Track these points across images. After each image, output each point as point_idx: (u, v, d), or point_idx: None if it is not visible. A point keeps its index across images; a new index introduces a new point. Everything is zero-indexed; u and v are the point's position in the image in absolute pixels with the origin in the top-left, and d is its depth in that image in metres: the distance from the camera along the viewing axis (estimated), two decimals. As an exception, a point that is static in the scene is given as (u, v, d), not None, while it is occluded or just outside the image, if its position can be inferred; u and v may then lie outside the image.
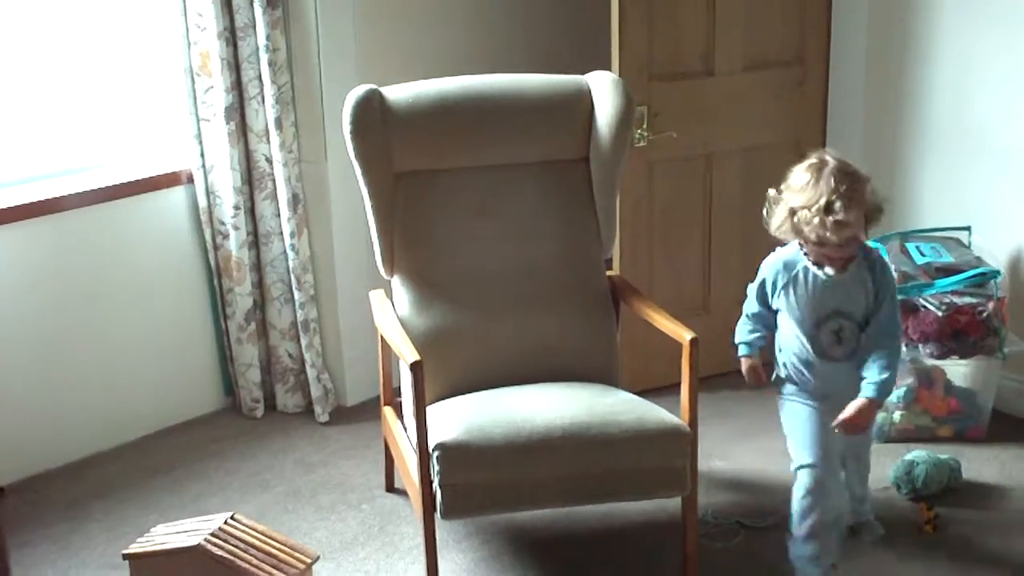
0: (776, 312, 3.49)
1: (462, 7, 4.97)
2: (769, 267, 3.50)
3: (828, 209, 3.19)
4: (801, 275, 3.39)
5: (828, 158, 3.28)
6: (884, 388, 3.31)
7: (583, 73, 4.00)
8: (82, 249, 4.33)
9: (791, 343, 3.46)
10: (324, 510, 4.05)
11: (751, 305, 3.56)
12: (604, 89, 3.88)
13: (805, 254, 3.39)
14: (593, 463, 3.33)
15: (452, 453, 3.25)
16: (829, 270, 3.34)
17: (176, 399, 4.69)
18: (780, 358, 3.53)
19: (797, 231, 3.30)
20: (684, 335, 3.42)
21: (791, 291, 3.41)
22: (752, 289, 3.55)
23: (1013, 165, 4.39)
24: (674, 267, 4.80)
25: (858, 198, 3.22)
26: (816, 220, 3.21)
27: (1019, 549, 3.69)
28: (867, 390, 3.30)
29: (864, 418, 3.32)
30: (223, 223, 4.54)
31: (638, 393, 3.68)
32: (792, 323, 3.43)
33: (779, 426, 4.36)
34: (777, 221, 3.37)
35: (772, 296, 3.47)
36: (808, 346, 3.40)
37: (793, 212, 3.28)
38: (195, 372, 4.75)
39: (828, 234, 3.21)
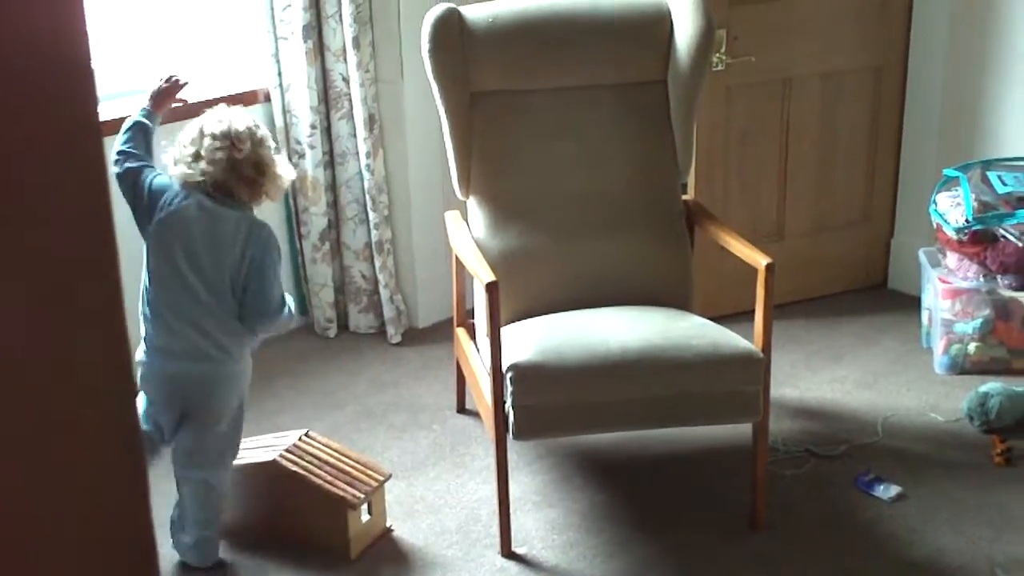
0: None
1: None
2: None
3: None
4: None
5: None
6: None
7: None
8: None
9: None
10: (396, 429, 4.09)
11: None
12: (685, 10, 3.83)
13: None
14: (666, 387, 3.33)
15: (525, 374, 3.27)
16: None
17: (251, 317, 4.73)
18: None
19: None
20: (760, 260, 3.40)
21: None
22: None
23: (1100, 95, 4.31)
24: (749, 193, 4.77)
25: None
26: None
27: (1093, 483, 3.67)
28: None
29: None
30: (299, 142, 4.55)
31: (713, 319, 3.67)
32: None
33: (851, 357, 4.37)
34: None
35: None
36: None
37: None
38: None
39: None
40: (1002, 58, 4.56)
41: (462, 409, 4.17)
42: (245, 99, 4.51)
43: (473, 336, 3.91)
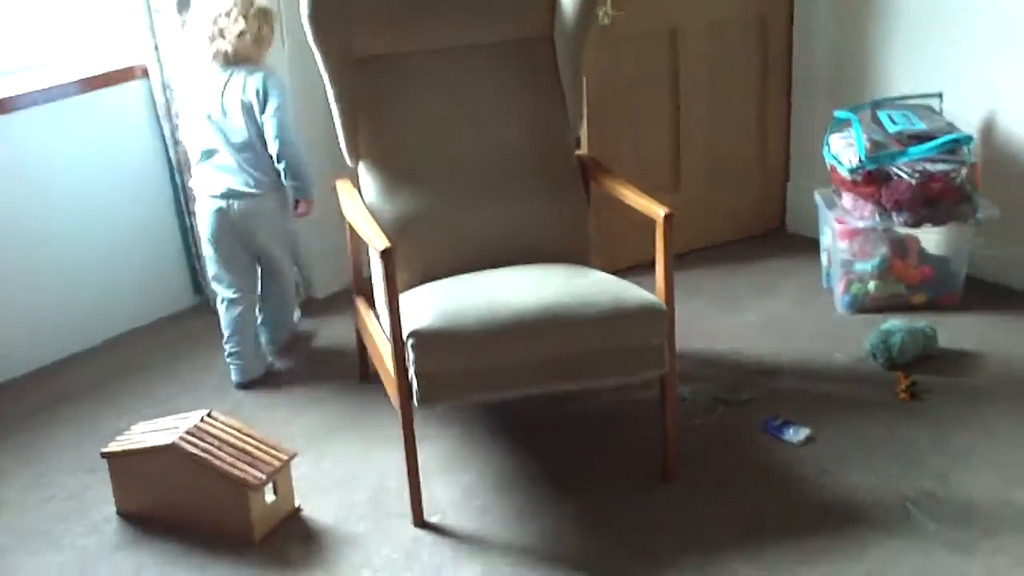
0: None
1: None
2: None
3: None
4: None
5: None
6: None
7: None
8: (37, 150, 4.22)
9: None
10: (299, 403, 4.02)
11: None
12: (567, -36, 3.78)
13: None
14: (570, 344, 3.28)
15: (426, 340, 3.20)
16: None
17: (143, 299, 4.63)
18: None
19: None
20: (658, 211, 3.35)
21: None
22: None
23: (984, 29, 4.32)
24: (643, 145, 4.74)
25: None
26: None
27: (995, 411, 3.69)
28: None
29: None
30: (180, 117, 4.43)
31: (612, 273, 3.63)
32: None
33: (753, 302, 4.38)
34: None
35: None
36: None
37: None
38: (161, 270, 4.68)
39: None
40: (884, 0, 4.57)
41: (365, 377, 4.10)
42: (122, 76, 4.39)
43: (372, 304, 3.84)
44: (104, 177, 4.42)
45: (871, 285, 4.32)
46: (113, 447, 3.45)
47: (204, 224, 4.08)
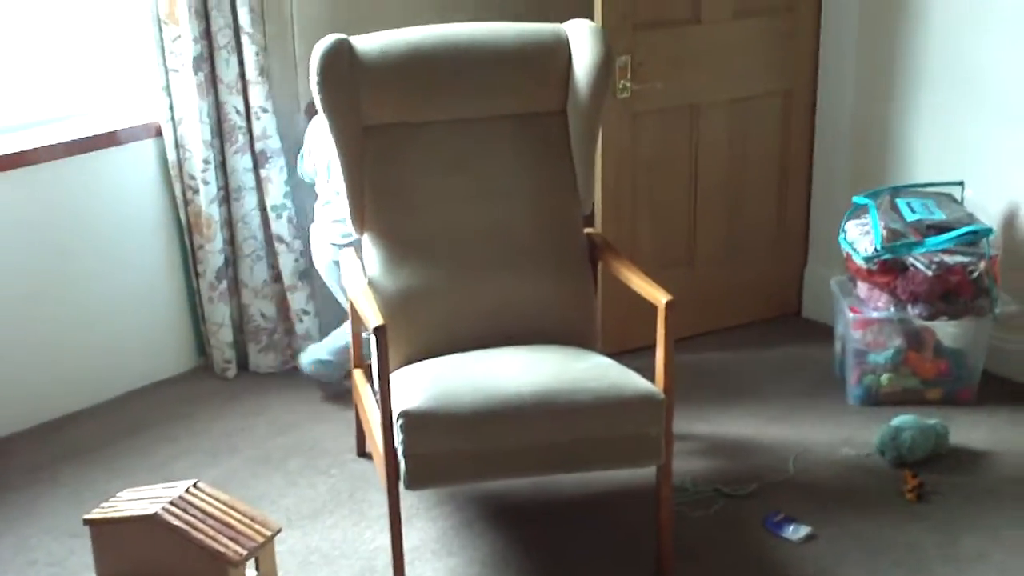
0: None
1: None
2: None
3: None
4: None
5: None
6: None
7: (563, 22, 3.85)
8: (49, 205, 4.20)
9: None
10: (293, 475, 3.94)
11: None
12: (582, 38, 3.73)
13: None
14: (563, 432, 3.20)
15: (416, 421, 3.13)
16: None
17: (147, 359, 4.58)
18: None
19: None
20: (660, 297, 3.28)
21: None
22: None
23: (1009, 117, 4.23)
24: (658, 221, 4.66)
25: None
26: None
27: (1006, 517, 3.58)
28: None
29: None
30: (193, 177, 4.40)
31: (620, 354, 3.56)
32: None
33: (764, 390, 4.29)
34: None
35: None
36: None
37: None
38: (167, 331, 4.63)
39: None
40: (909, 84, 4.49)
41: (362, 453, 4.03)
42: (136, 134, 4.37)
43: (370, 378, 3.77)
44: (113, 235, 4.38)
45: (884, 378, 4.22)
46: (96, 514, 3.37)
47: (324, 269, 4.27)
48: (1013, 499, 3.67)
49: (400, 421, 3.13)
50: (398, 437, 3.15)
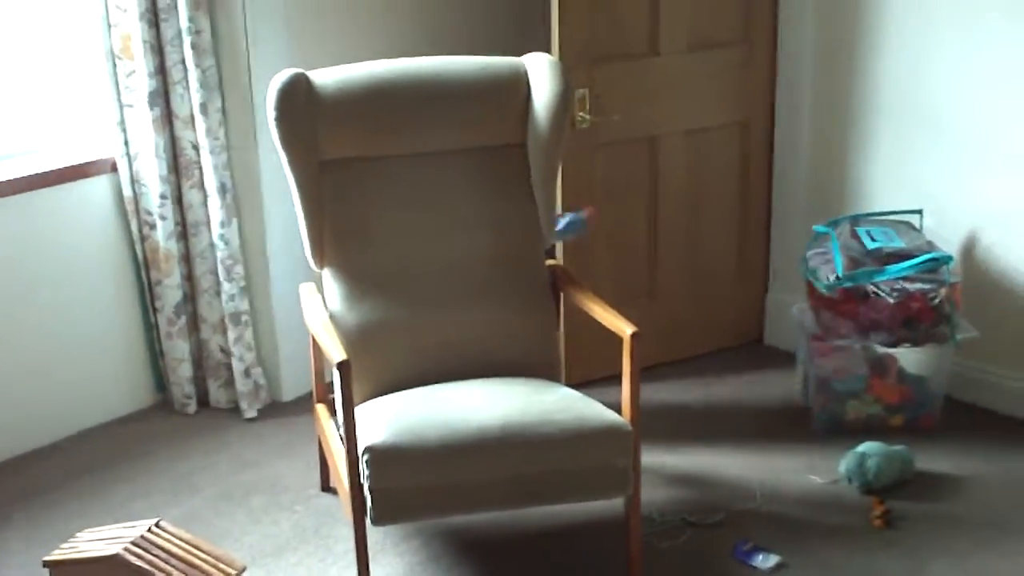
0: None
1: (397, -13, 4.79)
2: None
3: None
4: None
5: None
6: None
7: (521, 55, 3.85)
8: (2, 242, 4.14)
9: None
10: (256, 512, 3.89)
11: None
12: (541, 72, 3.73)
13: None
14: (530, 465, 3.18)
15: (382, 456, 3.10)
16: None
17: (105, 396, 4.52)
18: None
19: None
20: (625, 329, 3.27)
21: None
22: None
23: (966, 146, 4.27)
24: (619, 252, 4.65)
25: None
26: None
27: (973, 543, 3.58)
28: None
29: None
30: (150, 213, 4.36)
31: (585, 384, 3.55)
32: None
33: (728, 418, 4.28)
34: None
35: None
36: None
37: None
38: (125, 368, 4.57)
39: None
40: (865, 113, 4.51)
41: (326, 488, 3.98)
42: (91, 169, 4.32)
43: (334, 413, 3.74)
44: (68, 271, 4.33)
45: (848, 405, 4.22)
46: (56, 555, 3.30)
47: None
48: (979, 525, 3.67)
49: (366, 456, 3.10)
50: (364, 472, 3.11)
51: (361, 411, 3.31)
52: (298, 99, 3.58)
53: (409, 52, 3.91)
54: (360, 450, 3.12)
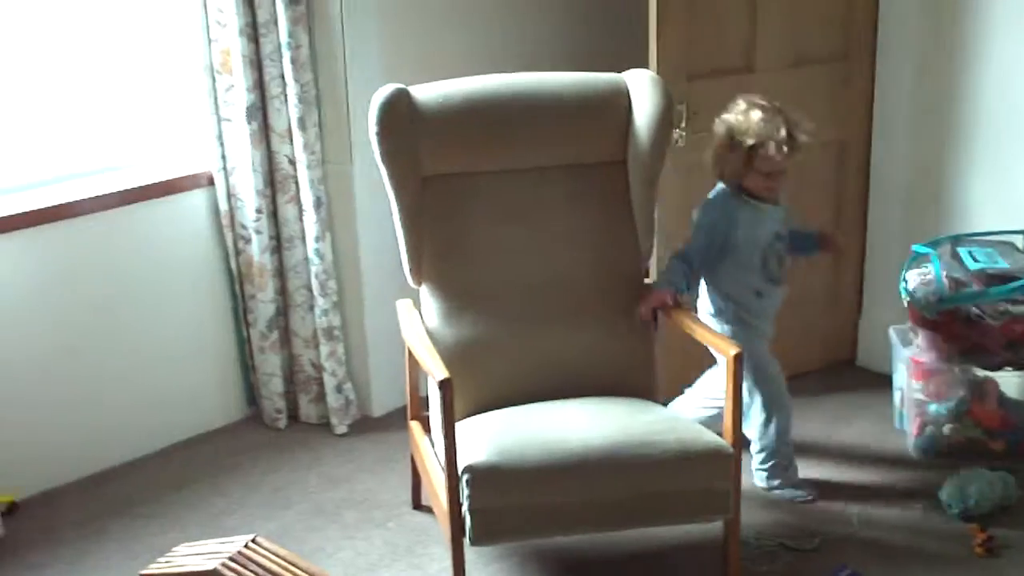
0: (712, 255, 3.75)
1: (491, 2, 4.78)
2: (715, 209, 3.78)
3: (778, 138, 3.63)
4: (747, 210, 3.73)
5: (764, 100, 3.73)
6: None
7: (617, 71, 3.83)
8: (99, 255, 4.18)
9: (739, 280, 3.77)
10: (349, 528, 3.89)
11: (693, 248, 3.77)
12: (642, 88, 3.71)
13: (741, 191, 3.74)
14: (631, 487, 3.16)
15: (482, 476, 3.09)
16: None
17: (197, 409, 4.54)
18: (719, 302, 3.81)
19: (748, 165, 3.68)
20: (728, 350, 3.24)
21: (738, 227, 3.71)
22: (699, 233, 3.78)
23: (1069, 166, 4.19)
24: (713, 272, 4.60)
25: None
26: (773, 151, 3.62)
27: (1079, 573, 3.51)
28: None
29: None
30: (245, 227, 4.38)
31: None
32: (740, 258, 3.74)
33: (823, 441, 4.22)
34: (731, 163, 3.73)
35: (725, 237, 3.73)
36: (759, 275, 3.77)
37: (753, 148, 3.65)
38: (216, 381, 4.60)
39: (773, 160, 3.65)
40: (966, 131, 4.44)
41: (418, 505, 3.97)
42: (188, 183, 4.35)
43: (428, 430, 3.73)
44: (165, 285, 4.36)
45: (947, 428, 4.15)
46: (153, 569, 3.33)
47: None
48: (1084, 554, 3.60)
49: (466, 476, 3.09)
50: (464, 492, 3.10)
51: (459, 429, 3.30)
52: (400, 114, 3.57)
53: (505, 69, 3.90)
54: (460, 469, 3.10)
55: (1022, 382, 4.21)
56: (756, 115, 3.65)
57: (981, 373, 4.14)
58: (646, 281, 3.81)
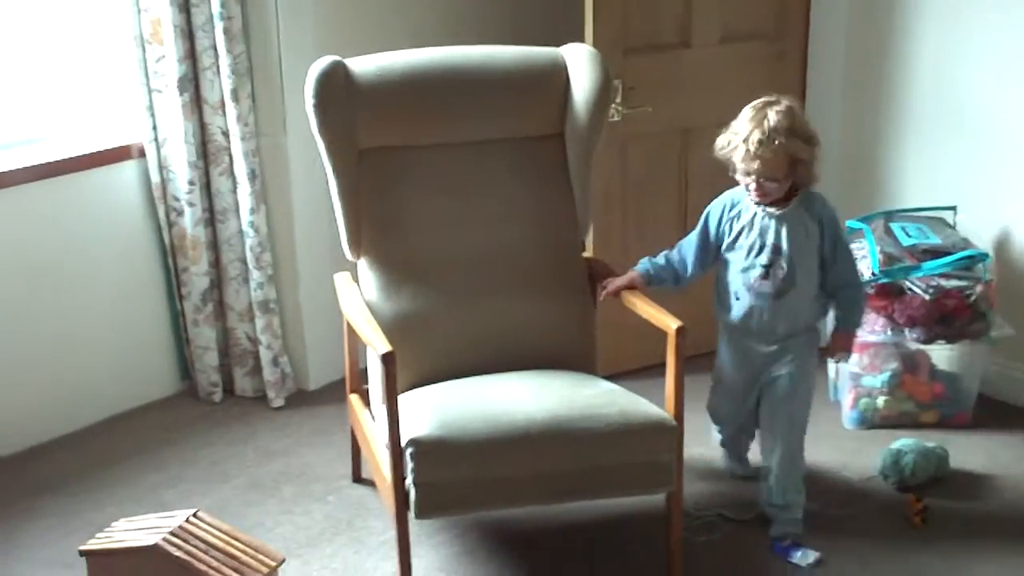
0: (709, 249, 3.59)
1: (427, -26, 4.75)
2: (716, 203, 3.59)
3: (748, 140, 3.35)
4: (743, 210, 3.50)
5: (783, 101, 3.45)
6: (854, 321, 3.57)
7: (555, 45, 3.82)
8: (27, 227, 4.11)
9: (723, 277, 3.58)
10: (288, 502, 3.87)
11: (687, 241, 3.63)
12: (580, 63, 3.70)
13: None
14: (574, 459, 3.16)
15: (427, 450, 3.07)
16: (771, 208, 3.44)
17: (130, 383, 4.49)
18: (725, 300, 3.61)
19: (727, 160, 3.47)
20: (670, 324, 3.25)
21: (733, 226, 3.51)
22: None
23: (998, 143, 4.25)
24: (648, 245, 4.59)
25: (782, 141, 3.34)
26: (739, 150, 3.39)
27: (1009, 541, 3.57)
28: (839, 322, 3.55)
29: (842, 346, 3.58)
30: (177, 199, 4.32)
31: (615, 375, 3.52)
32: (733, 259, 3.53)
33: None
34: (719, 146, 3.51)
35: (717, 231, 3.55)
36: (740, 280, 3.52)
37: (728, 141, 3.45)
38: (150, 355, 4.55)
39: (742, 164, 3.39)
40: (899, 107, 4.49)
41: (358, 479, 3.96)
42: (118, 155, 4.29)
43: (368, 403, 3.71)
44: (96, 258, 4.30)
45: (880, 401, 4.21)
46: (93, 544, 3.28)
47: None
48: (1016, 524, 3.66)
49: (410, 449, 3.07)
50: (408, 465, 3.09)
51: (400, 402, 3.27)
52: (336, 86, 3.54)
53: (439, 42, 3.87)
54: (404, 443, 3.09)
55: (953, 355, 4.27)
56: (745, 114, 3.45)
57: (914, 346, 4.20)
58: (584, 255, 3.80)
